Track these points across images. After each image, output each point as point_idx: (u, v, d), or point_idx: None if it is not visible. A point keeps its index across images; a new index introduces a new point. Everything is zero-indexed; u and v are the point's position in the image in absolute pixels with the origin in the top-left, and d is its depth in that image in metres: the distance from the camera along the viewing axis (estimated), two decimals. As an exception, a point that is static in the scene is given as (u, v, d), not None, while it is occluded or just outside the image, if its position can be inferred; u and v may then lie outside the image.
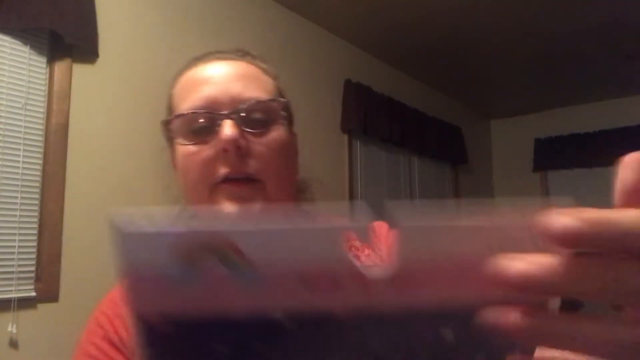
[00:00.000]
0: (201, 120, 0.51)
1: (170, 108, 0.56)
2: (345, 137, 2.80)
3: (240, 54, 0.60)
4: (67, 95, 1.64)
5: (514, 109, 4.25)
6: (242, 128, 0.50)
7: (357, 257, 0.21)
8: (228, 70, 0.54)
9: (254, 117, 0.51)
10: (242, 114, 0.50)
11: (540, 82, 3.61)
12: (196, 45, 2.27)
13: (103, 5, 1.74)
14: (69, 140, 1.64)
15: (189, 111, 0.51)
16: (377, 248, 0.54)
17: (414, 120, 3.29)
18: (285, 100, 0.54)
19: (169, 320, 0.20)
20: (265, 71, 0.57)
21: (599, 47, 2.94)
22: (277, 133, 0.52)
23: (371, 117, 2.89)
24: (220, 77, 0.53)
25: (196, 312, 0.20)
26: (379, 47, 2.99)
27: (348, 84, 2.82)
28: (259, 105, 0.51)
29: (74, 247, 1.61)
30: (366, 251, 0.52)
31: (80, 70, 1.68)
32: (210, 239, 0.20)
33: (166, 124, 0.54)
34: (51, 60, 1.63)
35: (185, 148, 0.52)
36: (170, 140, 0.55)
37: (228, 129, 0.48)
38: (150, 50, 1.89)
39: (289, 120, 0.56)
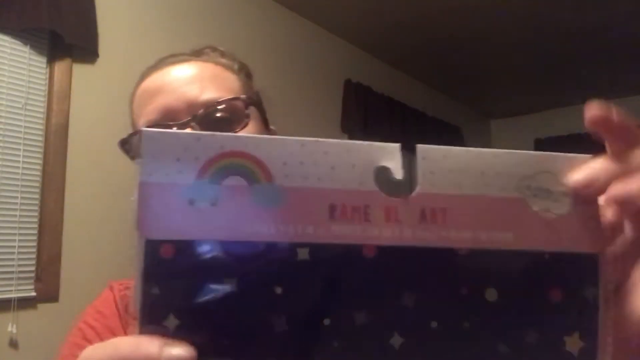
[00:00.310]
0: None
1: (132, 125, 0.52)
2: (346, 137, 2.80)
3: (195, 52, 0.56)
4: (67, 95, 1.64)
5: (514, 109, 4.25)
6: None
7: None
8: (182, 74, 0.49)
9: (216, 120, 0.46)
10: (201, 120, 0.45)
11: (540, 82, 3.60)
12: (195, 45, 2.27)
13: (103, 5, 1.74)
14: (69, 140, 1.63)
15: (144, 127, 0.46)
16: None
17: (414, 120, 3.29)
18: (247, 96, 0.49)
19: (181, 241, 0.18)
20: (226, 67, 0.53)
21: (599, 47, 2.94)
22: (245, 133, 0.47)
23: (371, 117, 2.89)
24: (173, 83, 0.48)
25: (210, 232, 0.18)
26: (379, 47, 2.99)
27: (348, 84, 2.82)
28: (219, 106, 0.46)
29: (74, 247, 1.61)
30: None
31: (80, 70, 1.68)
32: (234, 153, 0.19)
33: (123, 144, 0.49)
34: (51, 60, 1.63)
35: None
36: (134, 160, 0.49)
37: None
38: (150, 50, 1.89)
39: (262, 116, 0.52)
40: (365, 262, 0.19)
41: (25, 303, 1.49)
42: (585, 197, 0.21)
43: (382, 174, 0.20)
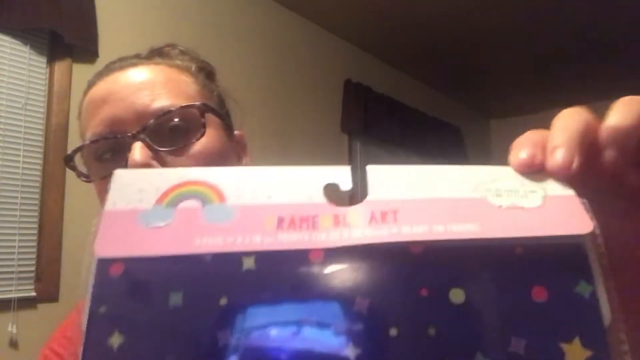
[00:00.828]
0: (105, 150, 0.42)
1: (81, 138, 0.47)
2: (346, 137, 2.80)
3: (154, 51, 0.52)
4: (67, 95, 1.64)
5: (514, 109, 4.25)
6: (156, 147, 0.41)
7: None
8: (130, 80, 0.44)
9: (169, 130, 0.42)
10: (152, 131, 0.41)
11: (541, 82, 3.61)
12: (196, 45, 2.27)
13: (103, 5, 1.74)
14: (69, 140, 1.63)
15: (89, 141, 0.42)
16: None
17: (414, 120, 3.29)
18: (202, 103, 0.44)
19: (130, 258, 0.18)
20: (181, 69, 0.48)
21: (599, 47, 2.94)
22: (202, 143, 0.43)
23: (371, 117, 2.89)
24: (121, 91, 0.43)
25: (159, 249, 0.18)
26: (379, 47, 2.99)
27: (348, 84, 2.82)
28: (171, 115, 0.42)
29: (74, 247, 1.61)
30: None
31: (80, 70, 1.68)
32: (193, 182, 0.20)
33: (67, 161, 0.45)
34: (51, 60, 1.63)
35: (97, 185, 0.43)
36: (80, 177, 0.46)
37: (136, 153, 0.39)
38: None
39: (223, 122, 0.47)
40: (312, 267, 0.18)
41: (25, 303, 1.49)
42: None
43: (331, 188, 0.20)
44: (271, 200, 0.19)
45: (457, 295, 0.17)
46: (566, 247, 0.18)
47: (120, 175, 0.20)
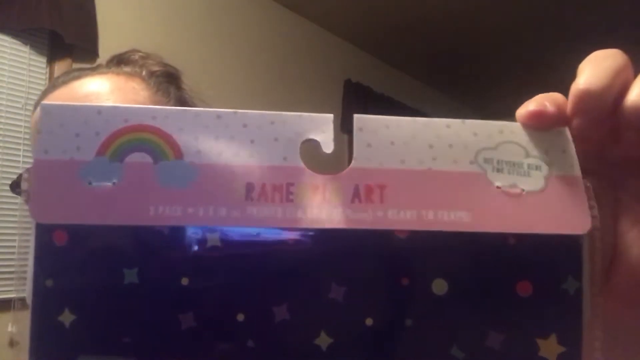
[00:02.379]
0: None
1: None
2: (345, 137, 2.80)
3: (117, 57, 0.51)
4: (67, 95, 1.64)
5: (514, 109, 4.24)
6: None
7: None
8: (74, 94, 0.43)
9: None
10: None
11: (541, 83, 3.60)
12: (196, 45, 2.28)
13: (103, 5, 1.74)
14: (69, 140, 1.63)
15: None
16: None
17: (414, 120, 3.29)
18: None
19: (75, 226, 0.16)
20: (132, 75, 0.47)
21: (598, 47, 2.94)
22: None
23: (371, 117, 2.89)
24: None
25: (108, 217, 0.16)
26: (379, 47, 2.98)
27: (348, 84, 2.82)
28: None
29: (74, 247, 1.60)
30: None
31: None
32: (140, 127, 0.16)
33: (14, 188, 0.41)
34: (51, 60, 1.62)
35: None
36: None
37: None
38: (150, 50, 1.89)
39: None
40: (286, 248, 0.16)
41: (25, 303, 1.49)
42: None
43: (310, 148, 0.17)
44: (238, 158, 0.16)
45: (439, 286, 0.16)
46: (560, 242, 0.17)
47: (49, 112, 0.16)
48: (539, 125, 0.18)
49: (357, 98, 2.82)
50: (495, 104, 4.17)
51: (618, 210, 0.19)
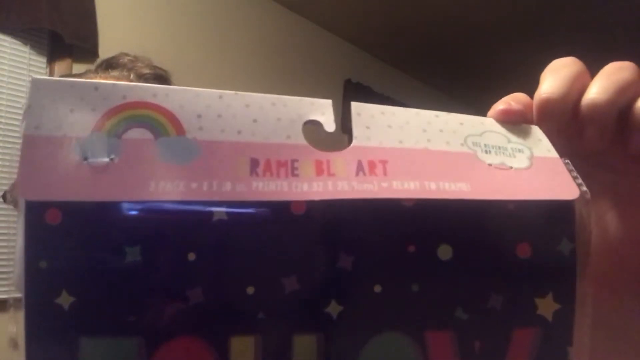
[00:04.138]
0: None
1: None
2: (346, 137, 2.79)
3: (107, 61, 0.52)
4: (67, 95, 1.64)
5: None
6: None
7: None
8: None
9: None
10: None
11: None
12: (196, 45, 2.28)
13: (103, 5, 1.74)
14: (69, 140, 1.63)
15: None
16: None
17: (414, 120, 3.29)
18: None
19: (69, 203, 0.14)
20: (119, 80, 0.47)
21: (601, 45, 2.94)
22: None
23: (371, 117, 2.89)
24: None
25: (105, 192, 0.15)
26: (379, 47, 2.99)
27: (348, 84, 2.82)
28: None
29: (74, 247, 1.60)
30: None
31: (80, 70, 1.68)
32: (139, 104, 0.16)
33: (4, 197, 0.42)
34: (51, 60, 1.63)
35: None
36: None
37: None
38: (150, 50, 1.89)
39: None
40: (293, 220, 0.16)
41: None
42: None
43: (312, 128, 0.17)
44: (241, 136, 0.16)
45: (444, 252, 0.17)
46: (555, 207, 0.18)
47: (40, 86, 0.16)
48: (508, 120, 0.20)
49: (357, 98, 2.80)
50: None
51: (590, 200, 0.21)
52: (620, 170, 0.21)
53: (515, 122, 0.20)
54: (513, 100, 0.21)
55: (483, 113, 0.21)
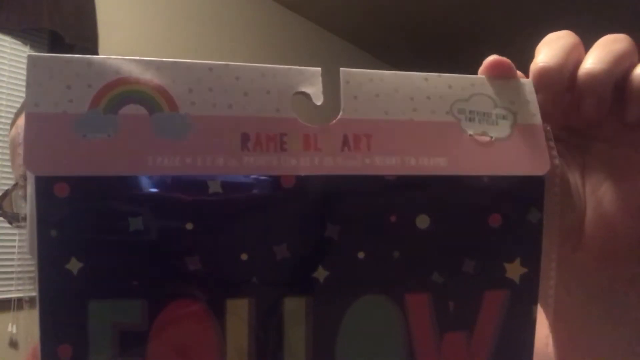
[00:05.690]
0: None
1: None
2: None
3: None
4: (67, 95, 1.64)
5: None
6: None
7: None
8: None
9: None
10: None
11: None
12: (196, 45, 2.28)
13: (103, 5, 1.74)
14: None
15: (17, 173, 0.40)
16: None
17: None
18: None
19: (75, 177, 0.16)
20: None
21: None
22: None
23: (371, 117, 2.89)
24: None
25: (107, 167, 0.16)
26: (379, 47, 2.99)
27: (348, 84, 2.82)
28: None
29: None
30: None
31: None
32: (132, 79, 0.17)
33: None
34: (51, 60, 1.63)
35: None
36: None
37: None
38: (150, 51, 1.89)
39: None
40: (283, 192, 0.17)
41: (26, 304, 1.49)
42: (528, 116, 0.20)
43: (301, 100, 0.18)
44: (232, 110, 0.17)
45: (422, 221, 0.18)
46: (526, 180, 0.19)
47: (36, 63, 0.16)
48: (498, 73, 0.20)
49: (357, 98, 2.82)
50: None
51: (585, 172, 0.21)
52: (616, 141, 0.21)
53: (506, 76, 0.20)
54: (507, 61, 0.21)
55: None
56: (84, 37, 1.66)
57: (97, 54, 1.70)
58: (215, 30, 2.15)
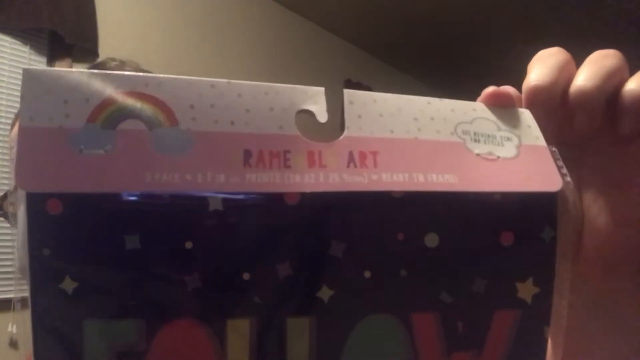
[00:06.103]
0: None
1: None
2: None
3: (94, 67, 0.53)
4: (67, 95, 1.64)
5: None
6: None
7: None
8: None
9: None
10: None
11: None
12: (196, 45, 2.28)
13: (103, 5, 1.74)
14: (69, 140, 1.64)
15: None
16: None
17: (414, 120, 3.30)
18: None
19: (69, 194, 0.15)
20: None
21: (602, 43, 2.94)
22: None
23: (371, 117, 2.89)
24: None
25: (103, 184, 0.15)
26: (379, 47, 2.99)
27: (348, 84, 2.82)
28: None
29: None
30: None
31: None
32: (132, 94, 0.16)
33: None
34: (51, 60, 1.63)
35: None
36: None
37: None
38: (150, 50, 1.89)
39: None
40: (287, 209, 0.16)
41: (25, 303, 1.49)
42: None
43: (305, 118, 0.18)
44: (234, 127, 0.17)
45: (431, 240, 0.17)
46: (538, 198, 0.18)
47: (32, 77, 0.16)
48: (497, 103, 0.21)
49: (357, 98, 2.83)
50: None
51: (581, 185, 0.22)
52: (609, 154, 0.21)
53: (504, 105, 0.21)
54: (502, 88, 0.22)
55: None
56: (84, 37, 1.66)
57: (97, 54, 1.70)
58: (215, 31, 2.15)
